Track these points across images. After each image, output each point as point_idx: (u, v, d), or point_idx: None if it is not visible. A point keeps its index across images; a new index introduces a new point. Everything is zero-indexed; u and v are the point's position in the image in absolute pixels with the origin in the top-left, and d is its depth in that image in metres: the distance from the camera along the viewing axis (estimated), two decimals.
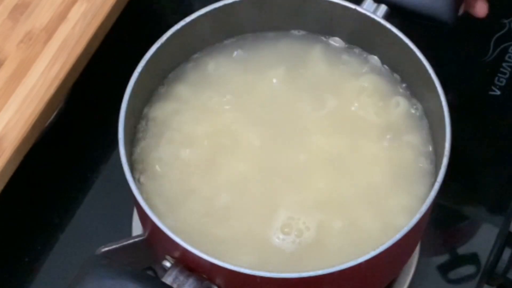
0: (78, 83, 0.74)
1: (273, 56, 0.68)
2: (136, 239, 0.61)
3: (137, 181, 0.62)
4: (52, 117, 0.74)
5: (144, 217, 0.59)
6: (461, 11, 0.69)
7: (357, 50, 0.68)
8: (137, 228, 0.73)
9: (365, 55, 0.68)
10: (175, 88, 0.67)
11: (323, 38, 0.68)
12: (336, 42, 0.68)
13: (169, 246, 0.57)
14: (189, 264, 0.58)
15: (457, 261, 0.73)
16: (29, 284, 0.72)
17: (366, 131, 0.65)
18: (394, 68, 0.67)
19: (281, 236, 0.61)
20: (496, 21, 0.83)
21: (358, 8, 0.65)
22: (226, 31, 0.68)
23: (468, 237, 0.75)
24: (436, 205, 0.60)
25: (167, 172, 0.63)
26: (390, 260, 0.63)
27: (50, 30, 0.74)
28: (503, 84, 0.81)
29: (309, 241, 0.61)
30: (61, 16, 0.74)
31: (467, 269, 0.73)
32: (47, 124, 0.73)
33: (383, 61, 0.67)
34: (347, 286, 0.61)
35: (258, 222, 0.61)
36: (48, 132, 0.74)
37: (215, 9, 0.65)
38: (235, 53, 0.68)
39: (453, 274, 0.73)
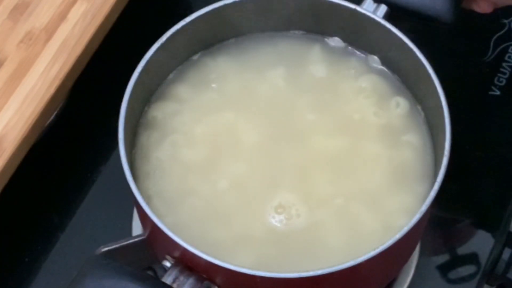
0: (78, 83, 0.74)
1: (273, 56, 0.68)
2: (136, 239, 0.62)
3: (137, 181, 0.62)
4: (52, 117, 0.74)
5: (144, 217, 0.59)
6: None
7: (357, 50, 0.68)
8: (137, 228, 0.73)
9: (365, 55, 0.68)
10: (175, 88, 0.67)
11: (323, 38, 0.68)
12: (335, 42, 0.68)
13: (169, 246, 0.57)
14: (189, 264, 0.58)
15: (457, 261, 0.73)
16: (29, 284, 0.72)
17: (366, 131, 0.65)
18: (394, 68, 0.67)
19: (281, 236, 0.61)
20: (496, 21, 0.83)
21: (358, 8, 0.65)
22: (226, 31, 0.68)
23: (468, 237, 0.75)
24: (436, 205, 0.60)
25: (167, 172, 0.63)
26: (390, 260, 0.63)
27: (50, 30, 0.73)
28: (503, 84, 0.80)
29: (309, 241, 0.61)
30: (61, 16, 0.74)
31: (467, 269, 0.73)
32: (47, 124, 0.73)
33: (383, 61, 0.67)
34: (347, 286, 0.61)
35: (258, 222, 0.61)
36: (48, 132, 0.74)
37: (215, 9, 0.65)
38: (235, 53, 0.68)
39: (453, 274, 0.73)
